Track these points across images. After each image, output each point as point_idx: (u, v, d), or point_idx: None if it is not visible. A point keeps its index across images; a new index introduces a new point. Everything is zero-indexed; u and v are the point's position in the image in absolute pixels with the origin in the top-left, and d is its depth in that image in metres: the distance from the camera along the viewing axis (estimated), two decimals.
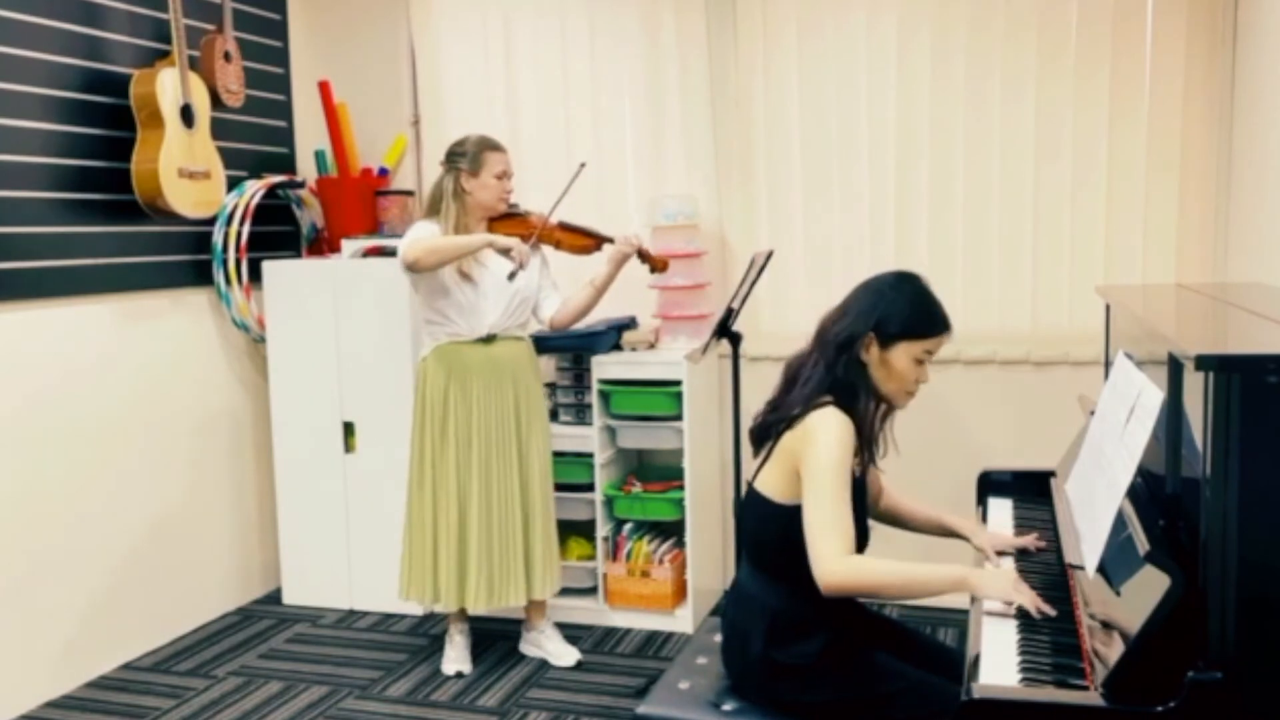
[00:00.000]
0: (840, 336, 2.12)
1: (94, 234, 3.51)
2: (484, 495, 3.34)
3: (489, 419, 3.34)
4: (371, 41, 4.41)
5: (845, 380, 2.10)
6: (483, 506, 3.33)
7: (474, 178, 3.29)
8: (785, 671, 2.10)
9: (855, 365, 2.11)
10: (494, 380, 3.34)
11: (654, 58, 4.06)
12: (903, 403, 2.19)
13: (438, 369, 3.33)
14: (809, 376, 2.13)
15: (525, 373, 3.42)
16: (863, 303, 2.15)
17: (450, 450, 3.33)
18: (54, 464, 3.41)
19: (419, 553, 3.38)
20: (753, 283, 3.31)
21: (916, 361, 2.13)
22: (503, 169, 3.32)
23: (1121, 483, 1.73)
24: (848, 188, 3.89)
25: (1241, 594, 1.44)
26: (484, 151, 3.30)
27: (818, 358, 2.14)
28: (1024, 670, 1.67)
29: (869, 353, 2.12)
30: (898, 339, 2.11)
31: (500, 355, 3.35)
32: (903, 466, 2.41)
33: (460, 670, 3.44)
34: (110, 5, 3.56)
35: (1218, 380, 1.44)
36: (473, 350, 3.33)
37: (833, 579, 1.94)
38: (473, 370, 3.32)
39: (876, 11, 3.79)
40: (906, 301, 2.13)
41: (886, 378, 2.13)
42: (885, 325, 2.11)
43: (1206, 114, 3.48)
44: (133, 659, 3.68)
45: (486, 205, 3.33)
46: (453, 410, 3.32)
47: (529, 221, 3.40)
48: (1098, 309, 2.86)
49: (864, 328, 2.11)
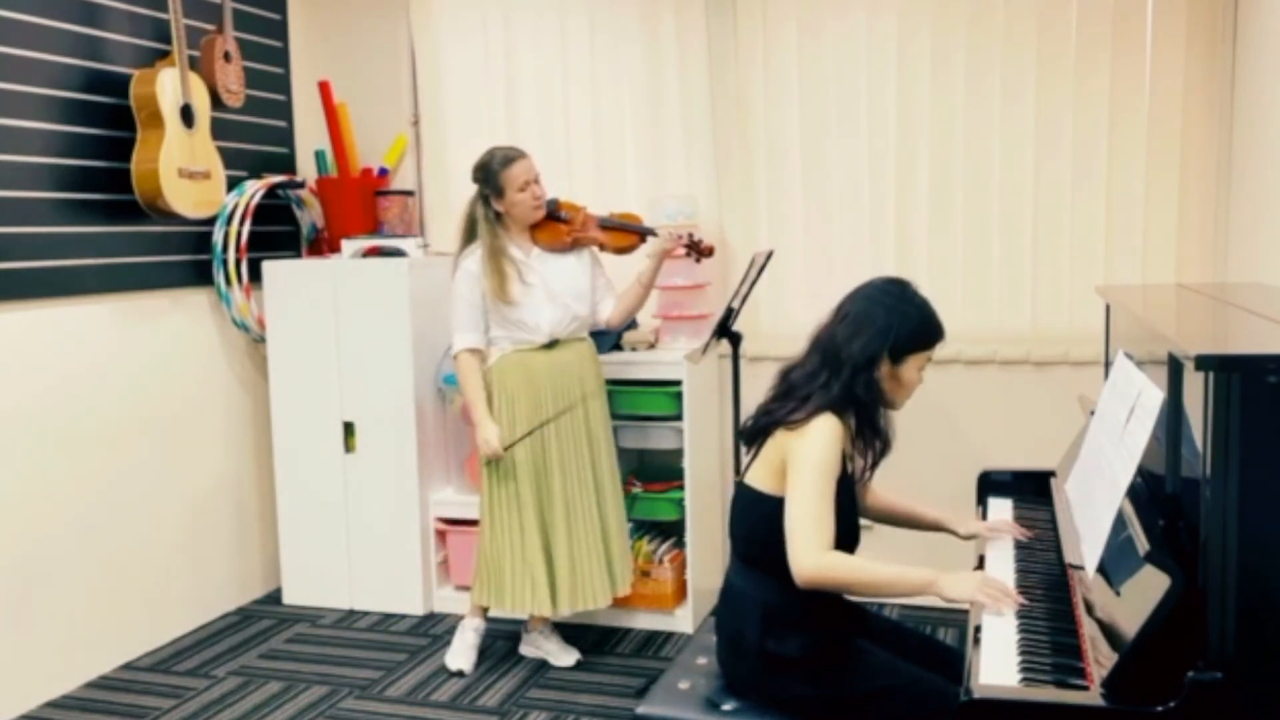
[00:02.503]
0: (859, 359, 2.12)
1: (94, 234, 3.51)
2: (563, 498, 3.37)
3: (559, 421, 3.36)
4: (371, 41, 4.41)
5: (868, 399, 2.13)
6: (563, 509, 3.36)
7: (502, 199, 3.31)
8: (782, 665, 2.11)
9: (874, 384, 2.14)
10: (561, 382, 3.37)
11: (654, 58, 4.06)
12: (902, 406, 2.23)
13: (504, 376, 3.35)
14: (814, 387, 2.13)
15: (589, 373, 3.46)
16: (876, 320, 2.14)
17: (526, 455, 3.34)
18: (54, 464, 3.41)
19: (512, 559, 3.37)
20: (753, 283, 3.31)
21: (919, 368, 2.19)
22: (526, 178, 3.31)
23: (1121, 483, 1.73)
24: (848, 188, 3.89)
25: (1241, 594, 1.44)
26: (502, 171, 3.29)
27: (829, 377, 2.13)
28: (1024, 670, 1.67)
29: (880, 369, 2.14)
30: (909, 353, 2.15)
31: (564, 359, 3.39)
32: (903, 466, 2.41)
33: (462, 668, 3.44)
34: (110, 5, 3.56)
35: (1218, 380, 1.44)
36: (536, 356, 3.36)
37: (806, 573, 1.99)
38: (539, 374, 3.35)
39: (876, 11, 3.79)
40: (916, 315, 2.16)
41: (896, 389, 2.18)
42: (898, 342, 2.14)
43: (1206, 114, 3.48)
44: (133, 659, 3.68)
45: (523, 218, 3.35)
46: (523, 415, 3.34)
47: (571, 224, 3.42)
48: (1098, 309, 2.86)
49: (881, 347, 2.13)
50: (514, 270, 3.31)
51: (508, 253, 3.32)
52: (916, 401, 2.23)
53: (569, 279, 3.40)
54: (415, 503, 3.96)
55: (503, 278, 3.28)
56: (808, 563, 1.99)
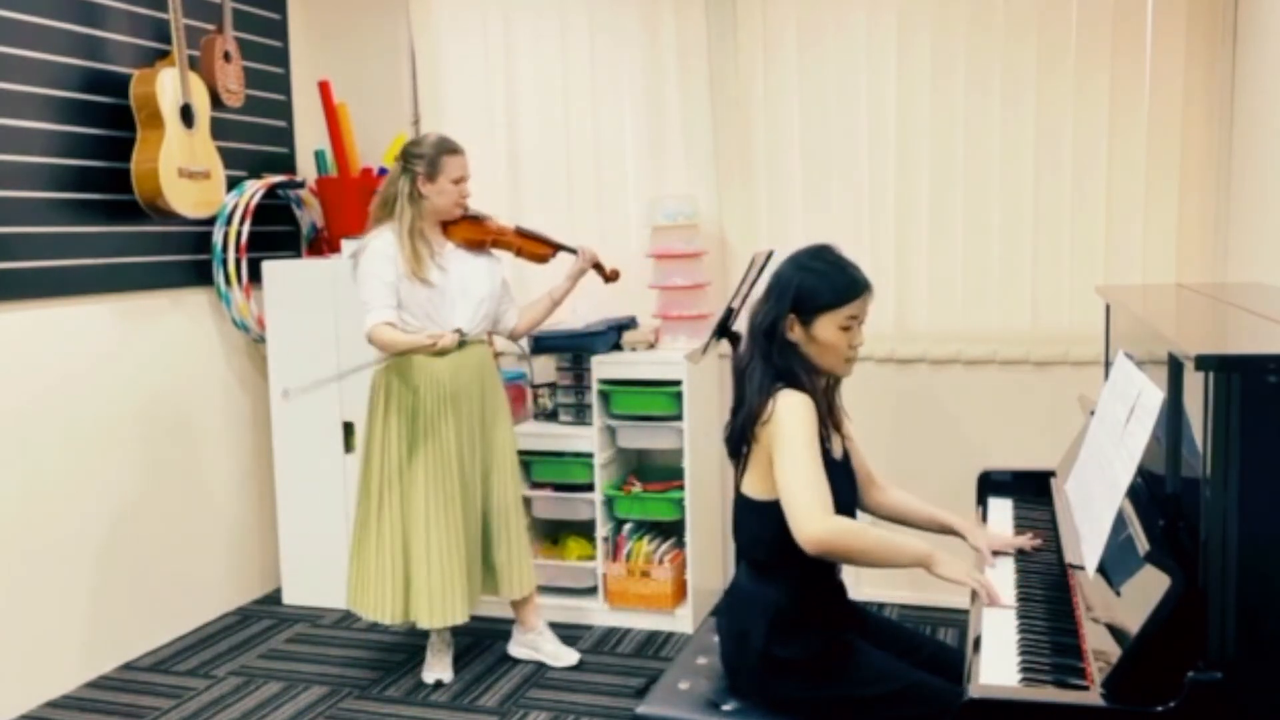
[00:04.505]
0: (764, 325, 2.15)
1: (94, 234, 3.51)
2: (440, 503, 3.23)
3: (455, 426, 3.27)
4: (371, 41, 4.41)
5: (784, 365, 2.13)
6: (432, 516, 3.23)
7: (431, 183, 3.21)
8: (785, 668, 2.11)
9: (787, 348, 2.14)
10: (461, 382, 3.27)
11: (654, 58, 4.06)
12: (845, 371, 2.20)
13: (404, 372, 3.25)
14: (752, 371, 2.16)
15: (489, 374, 3.40)
16: (778, 285, 2.17)
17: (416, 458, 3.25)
18: (53, 464, 3.40)
19: (378, 564, 3.28)
20: (753, 283, 3.30)
21: (843, 329, 2.14)
22: (460, 173, 3.24)
23: (1121, 483, 1.73)
24: (848, 188, 3.89)
25: (1241, 594, 1.44)
26: (441, 155, 3.21)
27: (753, 350, 2.17)
28: (1024, 670, 1.67)
29: (794, 332, 2.14)
30: (816, 313, 2.13)
31: (465, 359, 3.28)
32: (903, 466, 2.41)
33: (440, 679, 3.40)
34: (110, 5, 3.56)
35: (1218, 380, 1.44)
36: (437, 357, 3.20)
37: (815, 536, 1.97)
38: (440, 373, 3.24)
39: (876, 11, 3.79)
40: (815, 275, 2.14)
41: (819, 352, 2.15)
42: (801, 302, 2.13)
43: (1206, 114, 3.48)
44: (133, 659, 3.68)
45: (442, 210, 3.25)
46: (420, 417, 3.25)
47: (485, 225, 3.36)
48: (1098, 309, 2.86)
49: (782, 310, 2.13)
50: (429, 254, 3.21)
51: (425, 235, 3.23)
52: (916, 401, 2.23)
53: (479, 279, 3.31)
54: None
55: (419, 257, 3.18)
56: (814, 527, 1.97)
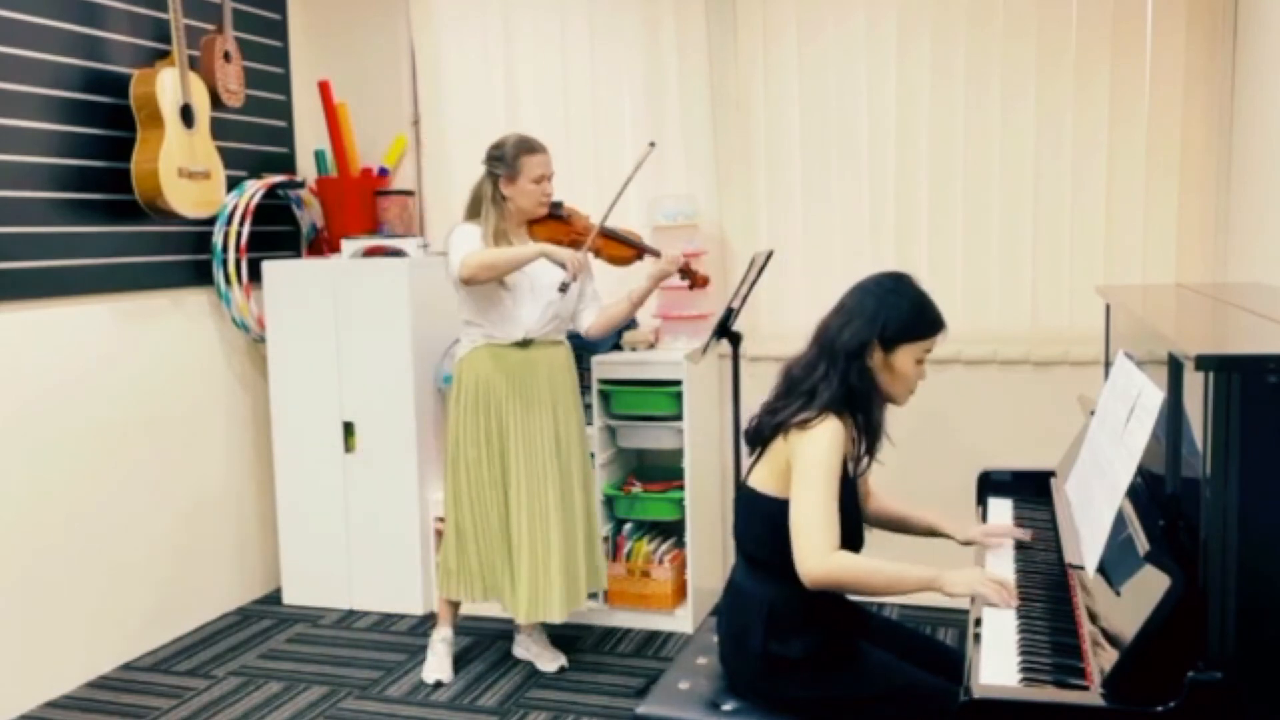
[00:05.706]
0: (850, 345, 2.14)
1: (94, 234, 3.51)
2: (518, 502, 3.29)
3: (526, 423, 3.30)
4: (371, 41, 4.41)
5: (862, 389, 2.13)
6: (520, 513, 3.29)
7: (512, 184, 3.23)
8: (785, 667, 2.11)
9: (866, 373, 2.14)
10: (529, 381, 3.30)
11: (654, 58, 4.06)
12: (903, 401, 2.23)
13: (476, 364, 3.29)
14: (818, 386, 2.13)
15: (560, 377, 3.38)
16: (865, 308, 2.17)
17: (485, 452, 3.30)
18: (54, 464, 3.40)
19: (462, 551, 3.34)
20: (753, 283, 3.31)
21: (917, 361, 2.18)
22: (541, 172, 3.25)
23: (1121, 483, 1.73)
24: (848, 188, 3.89)
25: (1241, 594, 1.44)
26: (521, 156, 3.22)
27: (827, 368, 2.15)
28: (1024, 670, 1.67)
29: (873, 358, 2.15)
30: (900, 342, 2.15)
31: (535, 358, 3.32)
32: (903, 466, 2.41)
33: (440, 679, 3.40)
34: (110, 5, 3.56)
35: (1218, 380, 1.44)
36: (508, 353, 3.29)
37: (815, 574, 1.99)
38: (510, 369, 3.28)
39: (876, 11, 3.79)
40: (908, 304, 2.16)
41: (891, 380, 2.18)
42: (888, 330, 2.14)
43: (1206, 114, 3.48)
44: (133, 659, 3.68)
45: (526, 210, 3.27)
46: (493, 412, 3.29)
47: (571, 225, 3.34)
48: (1098, 309, 2.86)
49: (870, 334, 2.14)
50: None
51: (509, 238, 3.25)
52: (917, 401, 2.23)
53: (556, 278, 3.30)
54: (415, 503, 3.96)
55: None
56: (816, 563, 1.99)
